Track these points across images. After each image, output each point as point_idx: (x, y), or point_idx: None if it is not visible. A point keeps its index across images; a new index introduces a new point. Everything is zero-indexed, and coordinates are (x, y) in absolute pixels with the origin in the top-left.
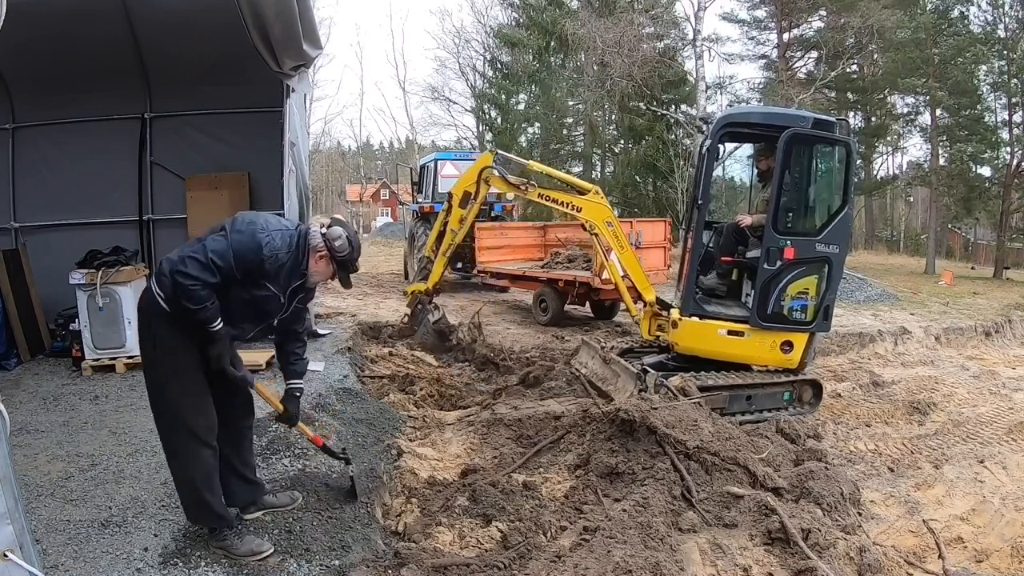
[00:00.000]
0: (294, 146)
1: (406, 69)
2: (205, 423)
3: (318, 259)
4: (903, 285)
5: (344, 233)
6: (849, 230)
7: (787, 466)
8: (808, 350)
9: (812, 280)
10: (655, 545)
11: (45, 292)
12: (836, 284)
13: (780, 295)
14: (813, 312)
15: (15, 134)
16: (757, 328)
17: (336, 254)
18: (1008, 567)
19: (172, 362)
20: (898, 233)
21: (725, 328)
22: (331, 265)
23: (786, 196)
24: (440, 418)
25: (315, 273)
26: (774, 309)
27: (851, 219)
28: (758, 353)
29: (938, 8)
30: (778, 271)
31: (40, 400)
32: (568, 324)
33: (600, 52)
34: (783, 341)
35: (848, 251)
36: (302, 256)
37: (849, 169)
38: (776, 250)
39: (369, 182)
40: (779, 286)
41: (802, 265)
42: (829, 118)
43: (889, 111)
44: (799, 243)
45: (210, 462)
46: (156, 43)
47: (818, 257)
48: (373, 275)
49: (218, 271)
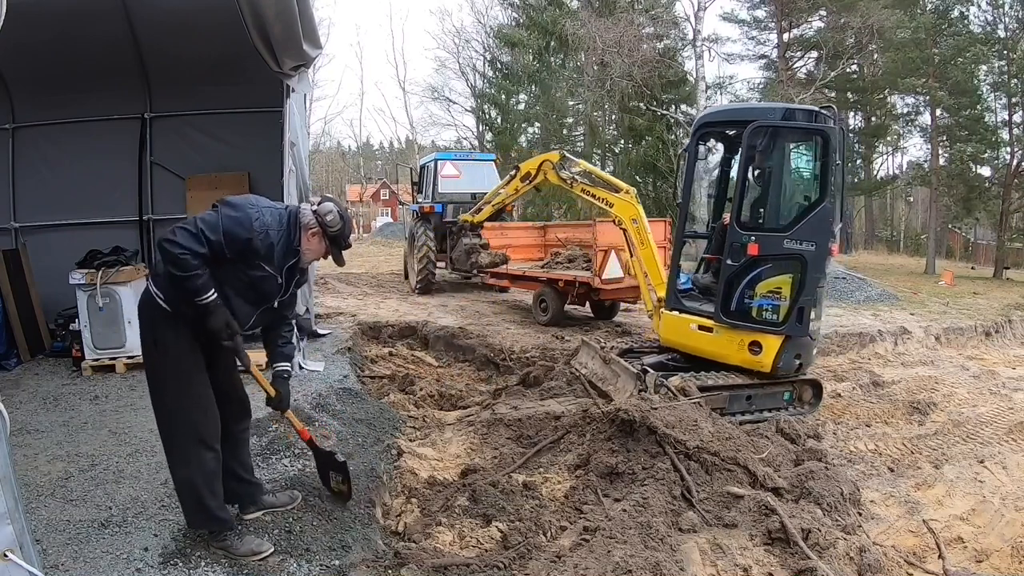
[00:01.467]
0: (294, 146)
1: (406, 69)
2: (208, 425)
3: (310, 236)
4: (903, 285)
5: (335, 208)
6: (827, 226)
7: (787, 466)
8: (783, 354)
9: (785, 279)
10: (655, 545)
11: (45, 292)
12: (813, 285)
13: (744, 293)
14: (785, 313)
15: (15, 134)
16: (723, 325)
17: (328, 229)
18: (1008, 567)
19: (174, 363)
20: (898, 233)
21: (696, 323)
22: (323, 242)
23: (752, 191)
24: (440, 418)
25: (308, 251)
26: (738, 307)
27: (829, 214)
28: (726, 351)
29: (938, 8)
30: (741, 268)
31: (40, 400)
32: (568, 324)
33: (600, 52)
34: (751, 341)
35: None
36: (294, 234)
37: (826, 160)
38: (739, 246)
39: (369, 182)
40: (742, 283)
41: (769, 262)
42: (806, 107)
43: (889, 111)
44: (764, 239)
45: (212, 465)
46: (156, 43)
47: (788, 254)
48: (373, 275)
49: (207, 243)
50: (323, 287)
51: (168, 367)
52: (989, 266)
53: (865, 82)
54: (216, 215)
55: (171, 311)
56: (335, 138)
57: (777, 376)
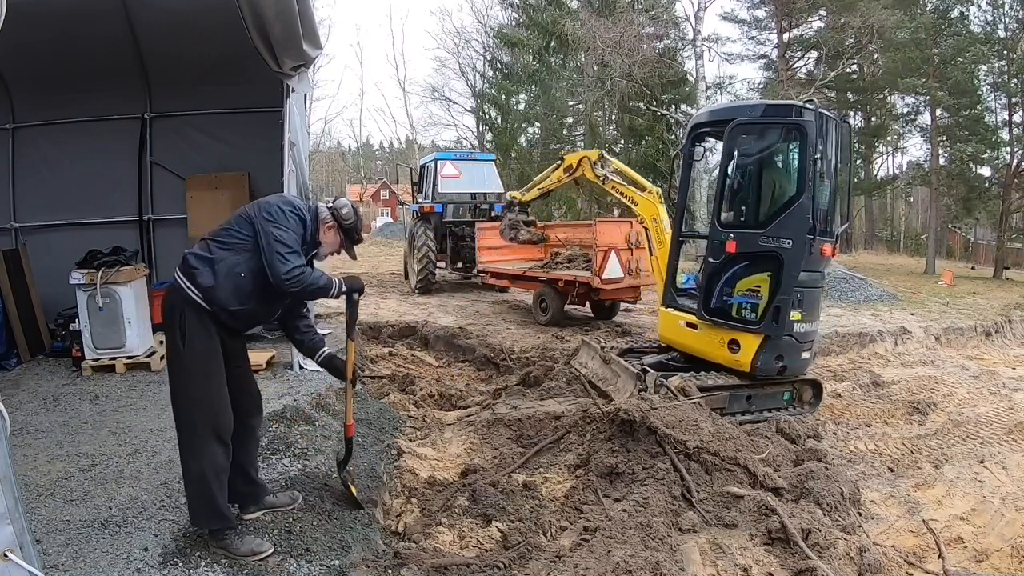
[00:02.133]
0: (294, 146)
1: (406, 69)
2: (224, 421)
3: (326, 230)
4: (903, 285)
5: (349, 203)
6: (805, 223)
7: (787, 466)
8: (761, 354)
9: (763, 277)
10: (655, 545)
11: (45, 292)
12: (790, 283)
13: (723, 290)
14: (762, 312)
15: (15, 134)
16: (704, 322)
17: (343, 222)
18: (1008, 567)
19: (201, 358)
20: (898, 233)
21: (685, 320)
22: (338, 235)
23: (733, 188)
24: (440, 418)
25: (324, 244)
26: (717, 304)
27: (807, 210)
28: (709, 348)
29: (938, 8)
30: (720, 265)
31: (40, 400)
32: (568, 324)
33: (600, 52)
34: (730, 339)
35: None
36: (314, 228)
37: (805, 154)
38: (719, 244)
39: (369, 182)
40: (721, 281)
41: (746, 260)
42: (787, 102)
43: (889, 111)
44: (742, 237)
45: (223, 460)
46: (156, 43)
47: (764, 252)
48: (373, 275)
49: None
50: None
51: (194, 362)
52: (989, 266)
53: (865, 82)
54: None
55: (203, 304)
56: (335, 138)
57: (757, 377)
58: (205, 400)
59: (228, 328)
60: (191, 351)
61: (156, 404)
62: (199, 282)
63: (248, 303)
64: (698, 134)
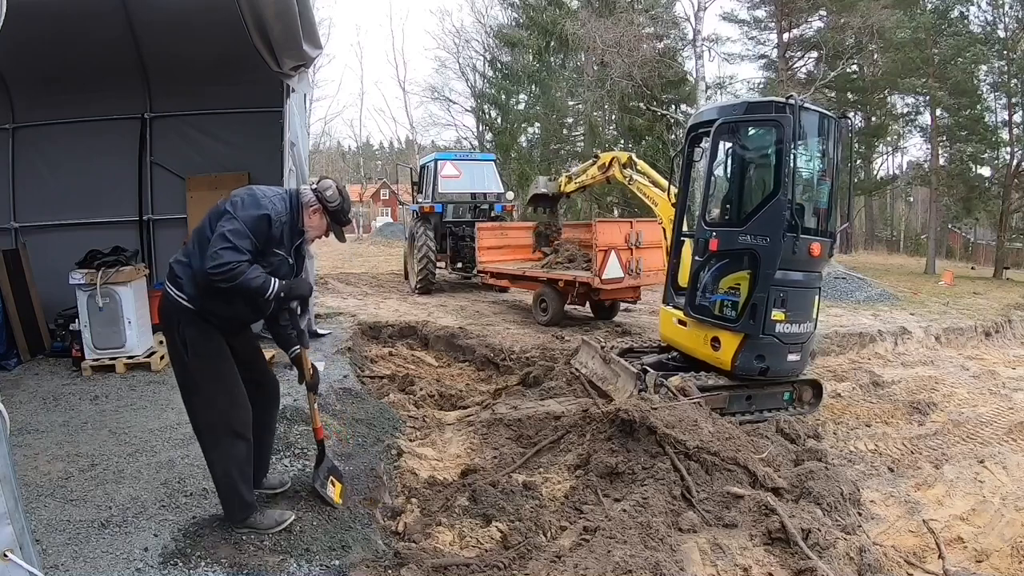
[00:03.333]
0: (294, 146)
1: (406, 69)
2: (242, 416)
3: (311, 213)
4: (903, 285)
5: (333, 184)
6: (781, 220)
7: (787, 466)
8: (741, 353)
9: (743, 275)
10: (655, 545)
11: (45, 292)
12: (767, 282)
13: (707, 287)
14: (740, 310)
15: (15, 134)
16: (691, 319)
17: (328, 204)
18: (1008, 567)
19: (205, 361)
20: (898, 233)
21: (677, 317)
22: (324, 218)
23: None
24: (440, 418)
25: (310, 228)
26: (700, 301)
27: (784, 207)
28: (695, 345)
29: (938, 8)
30: (704, 263)
31: (40, 400)
32: (568, 324)
33: (600, 52)
34: (712, 337)
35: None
36: (297, 215)
37: (782, 150)
38: (703, 242)
39: (369, 182)
40: (704, 278)
41: (726, 258)
42: (768, 99)
43: (889, 111)
44: (723, 234)
45: (244, 454)
46: (156, 43)
47: (741, 250)
48: (373, 275)
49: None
50: (323, 287)
51: (199, 365)
52: (989, 266)
53: (865, 82)
54: (237, 221)
55: (195, 309)
56: (335, 138)
57: (737, 376)
58: (217, 400)
59: (227, 328)
60: (196, 359)
61: (156, 404)
62: (186, 292)
63: (234, 303)
64: (696, 135)
